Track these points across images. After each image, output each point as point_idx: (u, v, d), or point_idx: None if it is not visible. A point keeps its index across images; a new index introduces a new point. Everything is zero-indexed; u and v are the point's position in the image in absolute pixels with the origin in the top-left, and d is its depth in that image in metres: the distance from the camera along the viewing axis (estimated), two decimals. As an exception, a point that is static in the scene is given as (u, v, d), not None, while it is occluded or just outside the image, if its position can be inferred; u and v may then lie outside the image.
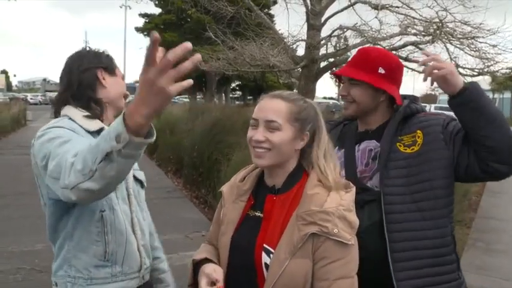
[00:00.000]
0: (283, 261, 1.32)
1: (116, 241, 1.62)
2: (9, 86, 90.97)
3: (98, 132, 1.60)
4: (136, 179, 1.82)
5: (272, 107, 1.44)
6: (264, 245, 1.39)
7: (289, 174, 1.47)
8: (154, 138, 1.18)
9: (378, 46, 10.40)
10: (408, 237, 1.66)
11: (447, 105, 1.71)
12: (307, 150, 1.48)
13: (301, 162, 1.49)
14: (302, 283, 1.32)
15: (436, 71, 1.64)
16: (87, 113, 1.66)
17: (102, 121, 1.69)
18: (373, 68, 1.78)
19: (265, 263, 1.37)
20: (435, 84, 1.69)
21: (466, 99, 1.62)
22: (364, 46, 1.83)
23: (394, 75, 1.82)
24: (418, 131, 1.73)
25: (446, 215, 1.71)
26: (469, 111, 1.62)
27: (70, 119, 1.64)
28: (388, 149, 1.73)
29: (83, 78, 1.68)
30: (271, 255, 1.36)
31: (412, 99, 1.85)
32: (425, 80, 1.68)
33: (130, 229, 1.67)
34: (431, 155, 1.69)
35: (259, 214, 1.47)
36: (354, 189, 1.43)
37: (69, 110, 1.68)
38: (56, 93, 1.86)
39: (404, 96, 1.86)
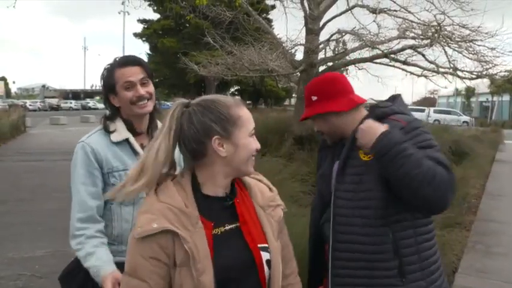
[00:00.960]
0: (278, 249, 1.45)
1: (122, 227, 1.96)
2: (8, 93, 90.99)
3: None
4: None
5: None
6: (258, 245, 1.39)
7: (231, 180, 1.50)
8: None
9: (376, 50, 10.47)
10: (349, 240, 1.77)
11: (447, 109, 1.73)
12: None
13: None
14: (284, 260, 1.50)
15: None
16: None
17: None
18: (309, 101, 1.91)
19: (267, 260, 1.40)
20: (433, 87, 1.73)
21: (381, 152, 1.64)
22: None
23: (328, 93, 1.86)
24: None
25: (386, 224, 1.72)
26: (386, 163, 1.64)
27: None
28: (346, 156, 1.81)
29: None
30: (269, 249, 1.41)
31: (380, 102, 1.94)
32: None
33: (129, 217, 1.95)
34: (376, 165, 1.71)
35: (229, 226, 1.38)
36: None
37: None
38: (54, 99, 2.00)
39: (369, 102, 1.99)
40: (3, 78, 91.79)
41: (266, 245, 1.41)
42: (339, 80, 1.91)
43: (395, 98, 1.92)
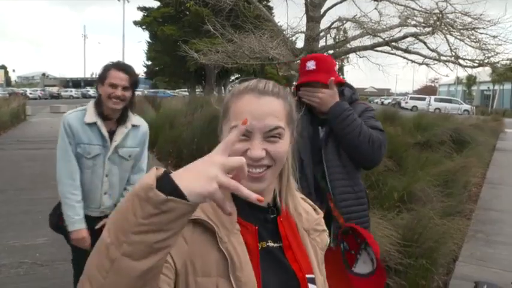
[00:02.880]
0: (322, 283, 1.20)
1: (87, 188, 2.70)
2: (8, 81, 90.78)
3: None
4: (119, 156, 2.73)
5: (269, 108, 1.07)
6: (306, 276, 1.13)
7: (275, 187, 1.19)
8: None
9: (378, 38, 10.40)
10: (339, 185, 2.35)
11: (447, 97, 1.78)
12: None
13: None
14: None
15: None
16: None
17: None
18: (306, 70, 2.36)
19: None
20: (434, 75, 1.83)
21: (332, 116, 2.29)
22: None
23: (326, 67, 2.33)
24: None
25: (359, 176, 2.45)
26: (337, 125, 2.28)
27: None
28: (329, 130, 2.37)
29: None
30: (315, 281, 1.15)
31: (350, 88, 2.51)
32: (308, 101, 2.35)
33: (98, 183, 2.71)
34: None
35: (272, 244, 1.12)
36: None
37: None
38: (55, 88, 2.34)
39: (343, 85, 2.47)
40: (3, 67, 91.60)
41: (313, 276, 1.15)
42: (331, 59, 2.41)
43: (352, 87, 2.53)
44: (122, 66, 2.62)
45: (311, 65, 2.31)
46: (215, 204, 0.85)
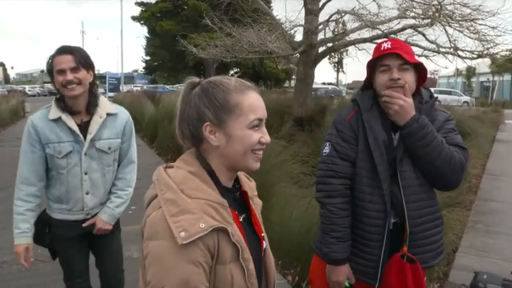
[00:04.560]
0: (266, 238, 1.43)
1: (65, 190, 2.46)
2: (7, 79, 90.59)
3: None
4: (97, 149, 2.46)
5: (262, 101, 1.29)
6: (262, 234, 1.40)
7: None
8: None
9: (377, 30, 10.38)
10: (420, 207, 2.01)
11: (447, 89, 1.78)
12: None
13: None
14: None
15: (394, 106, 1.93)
16: None
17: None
18: (412, 54, 2.01)
19: (265, 248, 1.41)
20: (434, 67, 1.77)
21: (411, 131, 1.92)
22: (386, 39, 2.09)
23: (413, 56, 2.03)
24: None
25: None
26: (415, 141, 1.93)
27: None
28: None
29: None
30: (265, 238, 1.42)
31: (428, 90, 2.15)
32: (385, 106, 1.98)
33: (78, 183, 2.45)
34: None
35: (242, 216, 1.33)
36: None
37: None
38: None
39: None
40: (2, 64, 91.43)
41: (264, 234, 1.41)
42: (408, 45, 2.11)
43: (429, 90, 2.15)
44: (63, 49, 2.35)
45: (386, 45, 1.97)
46: (216, 205, 1.19)
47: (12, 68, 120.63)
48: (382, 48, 1.96)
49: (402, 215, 1.97)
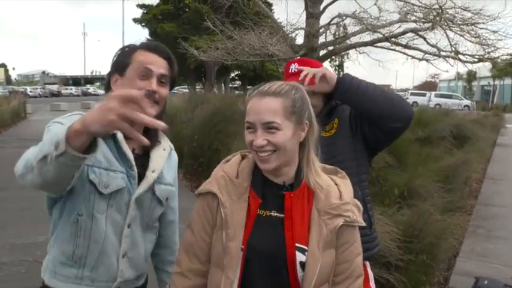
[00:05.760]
0: (319, 257, 1.35)
1: (88, 247, 1.54)
2: (8, 80, 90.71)
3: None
4: (154, 196, 1.64)
5: (266, 107, 1.36)
6: (296, 244, 1.36)
7: (297, 169, 1.44)
8: (95, 153, 1.20)
9: (377, 33, 10.38)
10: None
11: (447, 93, 1.76)
12: (304, 139, 1.45)
13: (300, 151, 1.45)
14: (330, 270, 1.40)
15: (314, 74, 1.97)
16: None
17: None
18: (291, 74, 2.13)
19: (300, 261, 1.36)
20: (435, 71, 1.76)
21: (344, 86, 1.96)
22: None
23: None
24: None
25: (356, 183, 1.91)
26: (351, 95, 1.96)
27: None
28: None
29: None
30: (306, 253, 1.36)
31: None
32: (307, 83, 1.94)
33: (114, 239, 1.57)
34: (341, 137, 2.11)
35: (275, 214, 1.40)
36: (345, 174, 1.54)
37: None
38: (55, 86, 1.79)
39: None
40: (3, 65, 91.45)
41: (305, 247, 1.36)
42: (316, 61, 2.22)
43: None
44: (158, 47, 1.62)
45: (294, 67, 2.10)
46: (227, 179, 1.44)
47: (13, 69, 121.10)
48: (290, 71, 2.11)
49: None
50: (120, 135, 1.56)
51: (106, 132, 1.11)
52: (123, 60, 1.58)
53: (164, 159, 1.70)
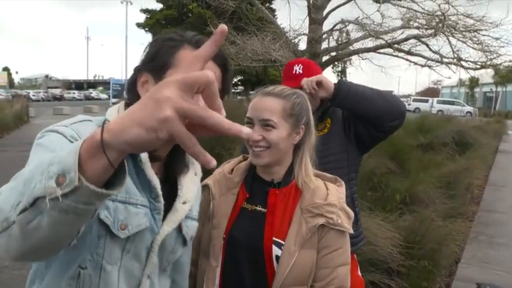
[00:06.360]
0: (293, 253, 1.39)
1: None
2: (11, 83, 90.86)
3: None
4: (179, 235, 1.21)
5: (265, 105, 1.46)
6: (274, 238, 1.42)
7: (288, 169, 1.51)
8: (123, 187, 0.70)
9: (380, 40, 10.41)
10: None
11: (450, 99, 1.78)
12: (300, 142, 1.53)
13: (295, 154, 1.54)
14: (308, 272, 1.41)
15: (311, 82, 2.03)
16: None
17: None
18: (293, 74, 2.22)
19: (276, 255, 1.41)
20: (437, 77, 1.79)
21: (343, 93, 2.01)
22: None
23: (314, 71, 2.20)
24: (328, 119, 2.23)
25: (346, 181, 1.86)
26: (350, 100, 2.02)
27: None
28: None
29: None
30: (282, 247, 1.41)
31: None
32: (309, 91, 2.01)
33: None
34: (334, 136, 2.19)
35: (260, 208, 1.49)
36: (343, 183, 1.56)
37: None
38: (58, 90, 1.51)
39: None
40: (7, 69, 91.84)
41: (282, 242, 1.41)
42: (317, 66, 2.30)
43: None
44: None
45: (298, 68, 2.17)
46: (222, 174, 1.58)
47: (16, 72, 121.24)
48: (293, 72, 2.19)
49: None
50: (144, 157, 1.09)
51: (148, 145, 0.63)
52: (163, 58, 1.09)
53: (197, 186, 1.28)
